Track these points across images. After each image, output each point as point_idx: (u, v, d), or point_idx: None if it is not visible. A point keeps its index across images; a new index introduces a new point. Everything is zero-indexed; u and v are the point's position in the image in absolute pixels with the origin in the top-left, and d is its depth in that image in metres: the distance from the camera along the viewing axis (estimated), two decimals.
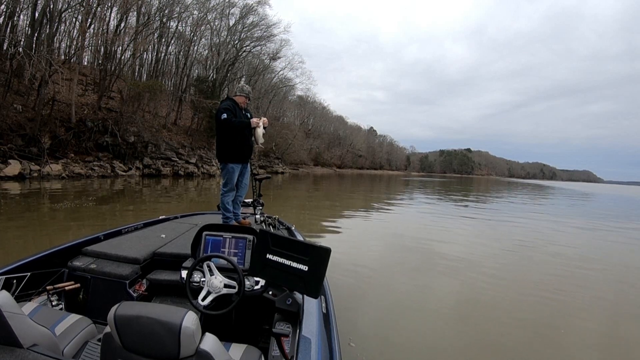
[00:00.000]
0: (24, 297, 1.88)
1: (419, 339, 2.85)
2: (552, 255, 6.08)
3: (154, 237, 2.68)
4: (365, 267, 4.66)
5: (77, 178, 15.12)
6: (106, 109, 20.06)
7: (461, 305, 3.63)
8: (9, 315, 1.03)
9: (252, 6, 29.17)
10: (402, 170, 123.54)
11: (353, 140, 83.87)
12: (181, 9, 25.05)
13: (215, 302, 1.75)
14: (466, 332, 3.00)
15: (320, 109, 66.95)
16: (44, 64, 14.90)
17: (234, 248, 1.99)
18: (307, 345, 1.26)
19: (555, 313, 3.55)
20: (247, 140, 3.35)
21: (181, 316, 0.95)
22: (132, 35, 21.35)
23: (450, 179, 74.39)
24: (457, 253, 5.77)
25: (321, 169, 59.71)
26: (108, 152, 18.35)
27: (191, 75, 30.00)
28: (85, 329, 1.60)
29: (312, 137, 61.05)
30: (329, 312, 1.77)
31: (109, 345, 1.02)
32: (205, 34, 29.20)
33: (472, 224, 9.39)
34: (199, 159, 24.54)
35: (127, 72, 23.46)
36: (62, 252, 2.20)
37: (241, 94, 3.32)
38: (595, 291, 4.32)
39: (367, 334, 2.81)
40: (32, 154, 14.52)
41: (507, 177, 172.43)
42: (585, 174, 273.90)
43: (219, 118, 3.18)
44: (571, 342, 2.96)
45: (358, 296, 3.60)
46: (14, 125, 14.86)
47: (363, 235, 7.05)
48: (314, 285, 1.44)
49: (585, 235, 8.75)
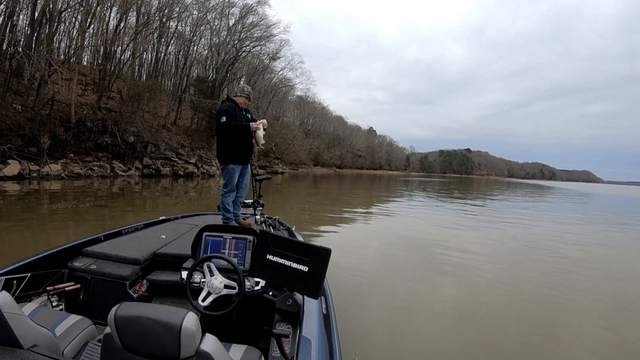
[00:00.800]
0: (24, 297, 1.88)
1: (420, 339, 2.85)
2: (556, 256, 6.07)
3: (154, 238, 2.68)
4: (365, 268, 4.66)
5: (76, 178, 15.10)
6: (106, 109, 20.04)
7: (463, 305, 3.63)
8: (9, 315, 1.04)
9: (251, 6, 29.23)
10: (401, 170, 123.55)
11: (353, 140, 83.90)
12: (181, 9, 25.05)
13: (216, 302, 1.75)
14: (468, 332, 3.00)
15: (320, 109, 66.99)
16: (43, 64, 14.88)
17: (234, 249, 1.99)
18: (307, 346, 1.27)
19: (559, 313, 3.54)
20: (247, 141, 3.34)
21: (181, 317, 0.95)
22: (132, 35, 21.34)
23: (450, 179, 74.40)
24: (457, 253, 5.77)
25: (321, 169, 59.72)
26: (107, 152, 18.32)
27: (191, 75, 30.00)
28: (86, 330, 1.60)
29: (312, 137, 61.07)
30: (329, 312, 1.77)
31: (109, 345, 1.02)
32: (205, 34, 29.24)
33: (473, 224, 9.39)
34: (198, 159, 24.52)
35: (127, 72, 23.44)
36: (62, 252, 2.20)
37: (242, 95, 3.33)
38: (600, 293, 4.29)
39: (367, 334, 2.81)
40: (31, 154, 14.50)
41: (506, 177, 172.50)
42: (584, 174, 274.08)
43: (218, 120, 3.20)
44: (576, 344, 2.96)
45: (358, 296, 3.59)
46: (14, 125, 14.84)
47: (363, 236, 7.06)
48: (314, 285, 1.44)
49: (592, 236, 8.59)
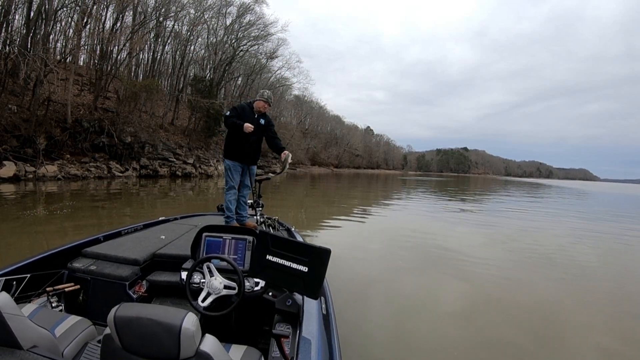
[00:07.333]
0: (24, 298, 1.87)
1: (420, 339, 2.86)
2: (559, 256, 6.10)
3: (153, 239, 2.67)
4: (365, 267, 4.67)
5: (73, 179, 15.00)
6: (102, 109, 19.91)
7: (464, 305, 3.63)
8: (8, 316, 1.03)
9: (249, 5, 29.13)
10: (399, 169, 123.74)
11: (350, 139, 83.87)
12: (177, 8, 24.91)
13: (215, 303, 1.75)
14: (470, 332, 3.00)
15: (317, 108, 66.94)
16: (39, 64, 14.72)
17: (234, 249, 1.99)
18: (307, 346, 1.27)
19: (561, 314, 3.56)
20: (248, 141, 3.38)
21: (181, 317, 0.95)
22: (128, 34, 21.20)
23: (447, 178, 74.59)
24: (458, 253, 5.80)
25: (318, 168, 59.69)
26: (104, 153, 18.19)
27: (188, 75, 29.86)
28: (85, 331, 1.60)
29: (309, 137, 61.00)
30: (329, 313, 1.78)
31: (108, 346, 1.02)
32: (202, 34, 29.12)
33: (473, 222, 9.42)
34: (196, 160, 24.42)
35: (124, 72, 23.28)
36: (61, 253, 2.20)
37: (260, 99, 3.48)
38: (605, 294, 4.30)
39: (367, 334, 2.82)
40: (27, 155, 14.38)
41: (503, 175, 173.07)
42: (581, 172, 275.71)
43: (224, 115, 3.45)
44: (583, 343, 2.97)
45: (358, 296, 3.60)
46: (9, 125, 14.71)
47: (362, 235, 7.06)
48: (314, 286, 1.44)
49: (593, 237, 8.40)
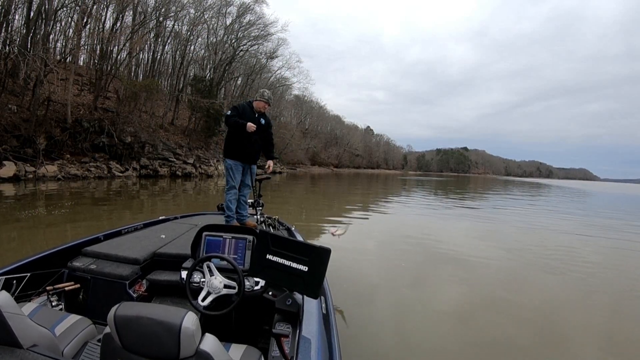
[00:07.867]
0: (24, 297, 1.87)
1: (421, 339, 2.86)
2: (560, 256, 6.08)
3: (153, 238, 2.68)
4: (365, 267, 4.67)
5: (73, 179, 14.99)
6: (102, 109, 19.91)
7: (465, 305, 3.63)
8: (8, 315, 1.03)
9: (249, 5, 29.14)
10: (399, 169, 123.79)
11: (350, 139, 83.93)
12: (177, 8, 24.93)
13: (215, 302, 1.75)
14: (470, 332, 3.00)
15: (317, 108, 66.96)
16: (39, 64, 14.72)
17: (234, 249, 1.99)
18: (307, 346, 1.27)
19: (563, 314, 3.56)
20: (249, 141, 3.39)
21: (181, 316, 0.96)
22: (128, 34, 21.20)
23: (447, 177, 74.56)
24: (458, 252, 5.80)
25: (318, 168, 59.72)
26: (104, 153, 18.19)
27: (188, 75, 29.88)
28: (85, 330, 1.60)
29: (309, 137, 61.03)
30: (329, 312, 1.78)
31: (108, 345, 1.02)
32: (202, 33, 29.13)
33: (473, 223, 9.43)
34: (196, 159, 24.42)
35: (124, 72, 23.27)
36: (62, 252, 2.20)
37: (261, 99, 3.46)
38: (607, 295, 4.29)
39: (368, 333, 2.82)
40: (27, 155, 14.37)
41: (503, 175, 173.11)
42: (581, 172, 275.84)
43: (225, 114, 3.46)
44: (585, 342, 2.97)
45: (358, 296, 3.59)
46: (9, 125, 14.72)
47: (362, 235, 7.05)
48: (314, 285, 1.44)
49: (595, 237, 8.30)
